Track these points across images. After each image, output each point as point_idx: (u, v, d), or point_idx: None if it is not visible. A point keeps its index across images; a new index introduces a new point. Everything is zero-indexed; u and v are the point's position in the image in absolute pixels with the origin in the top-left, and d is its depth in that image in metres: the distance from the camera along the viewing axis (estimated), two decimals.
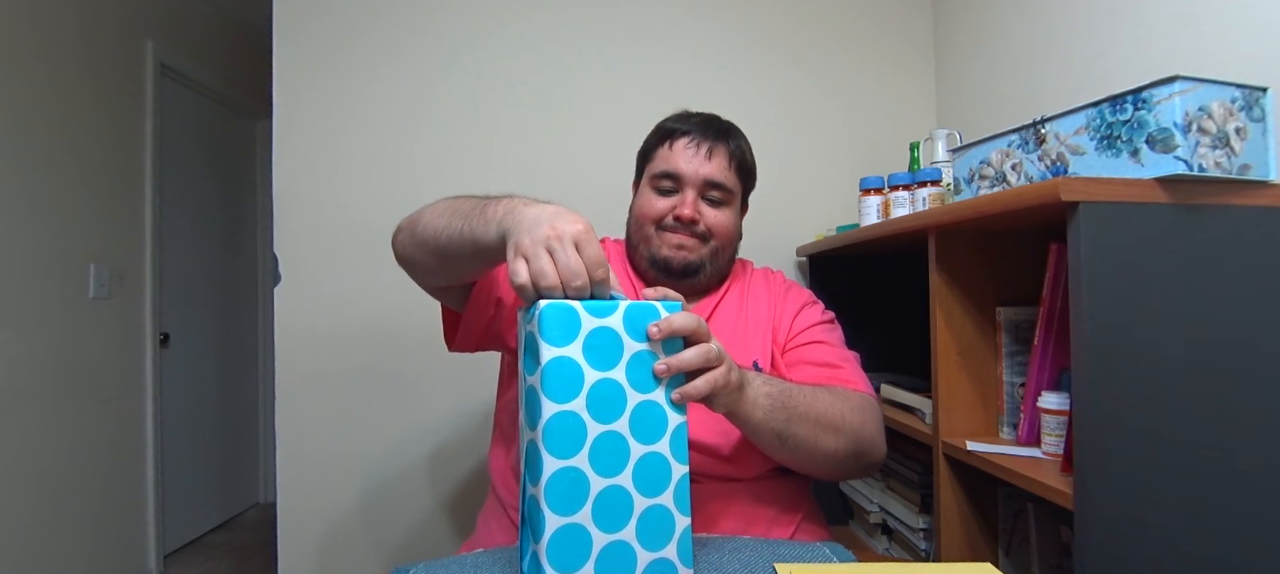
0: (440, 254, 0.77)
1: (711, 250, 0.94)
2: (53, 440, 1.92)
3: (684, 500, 0.61)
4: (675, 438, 0.61)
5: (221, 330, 2.89)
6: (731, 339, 0.91)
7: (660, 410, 0.61)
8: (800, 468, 0.82)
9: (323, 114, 1.53)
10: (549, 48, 1.59)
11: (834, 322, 0.99)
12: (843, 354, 0.93)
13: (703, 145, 0.93)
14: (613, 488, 0.59)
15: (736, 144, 0.96)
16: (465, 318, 0.91)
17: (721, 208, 0.95)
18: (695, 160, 0.93)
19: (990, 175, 0.89)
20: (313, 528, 1.50)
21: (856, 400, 0.83)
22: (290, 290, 1.51)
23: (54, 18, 1.94)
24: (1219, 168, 0.68)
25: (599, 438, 0.58)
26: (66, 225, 1.98)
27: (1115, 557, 0.66)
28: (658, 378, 0.61)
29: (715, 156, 0.93)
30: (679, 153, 0.94)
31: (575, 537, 0.57)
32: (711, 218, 0.93)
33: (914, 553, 1.16)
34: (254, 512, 3.05)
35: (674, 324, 0.61)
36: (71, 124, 2.00)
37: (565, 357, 0.58)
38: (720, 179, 0.93)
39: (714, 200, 0.94)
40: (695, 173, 0.92)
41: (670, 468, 0.61)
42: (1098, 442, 0.66)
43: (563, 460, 0.57)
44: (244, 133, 3.10)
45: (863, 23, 1.67)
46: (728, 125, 0.98)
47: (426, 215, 0.79)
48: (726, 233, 0.95)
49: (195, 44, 2.64)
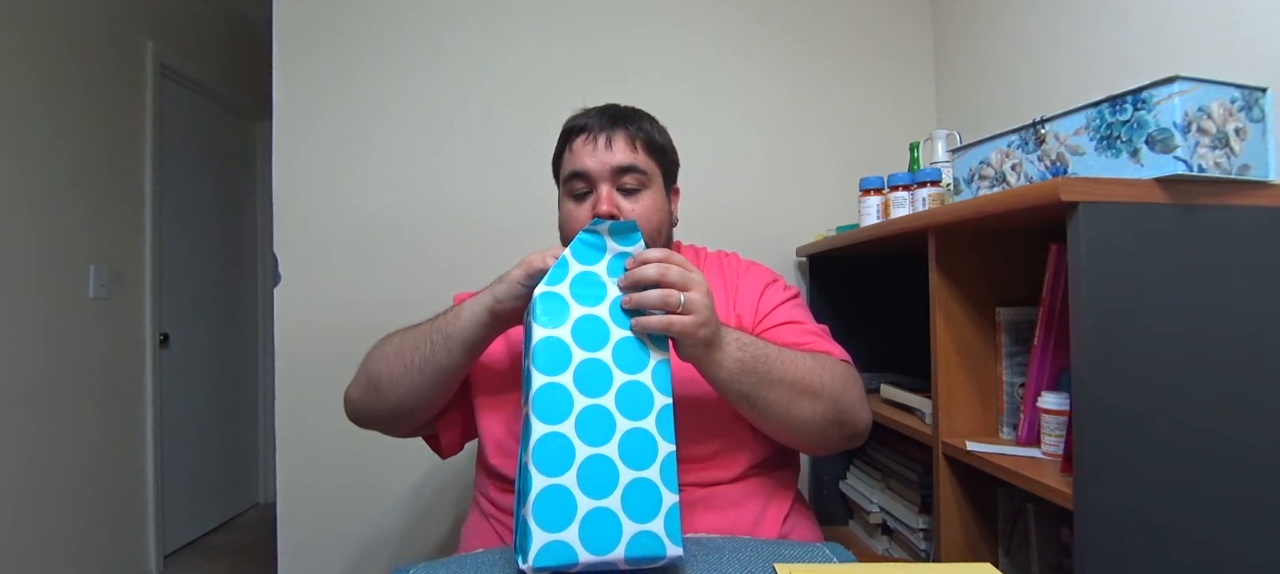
0: (415, 391, 0.83)
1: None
2: (53, 440, 1.92)
3: (671, 478, 0.64)
4: (661, 417, 0.65)
5: (221, 330, 2.89)
6: None
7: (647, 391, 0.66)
8: (775, 434, 0.82)
9: (323, 114, 1.53)
10: (549, 49, 1.59)
11: (798, 296, 0.99)
12: (815, 329, 0.93)
13: (600, 136, 0.89)
14: (599, 457, 0.62)
15: (637, 125, 0.91)
16: (445, 423, 0.94)
17: (638, 194, 0.89)
18: (597, 152, 0.88)
19: (990, 175, 0.89)
20: (313, 528, 1.50)
21: (838, 368, 0.83)
22: (290, 290, 1.51)
23: (54, 18, 1.94)
24: (1218, 168, 0.68)
25: (585, 409, 0.63)
26: (66, 226, 1.98)
27: (1115, 557, 0.66)
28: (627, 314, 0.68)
29: (615, 142, 0.89)
30: (579, 150, 0.90)
31: (560, 498, 0.60)
32: (630, 207, 0.88)
33: (914, 553, 1.16)
34: (254, 512, 3.05)
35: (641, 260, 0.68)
36: (71, 124, 2.00)
37: (554, 336, 0.65)
38: (627, 162, 0.88)
39: (629, 188, 0.89)
40: (600, 165, 0.88)
41: (656, 445, 0.64)
42: (1097, 442, 0.66)
43: (550, 425, 0.62)
44: (244, 133, 3.10)
45: (862, 23, 1.67)
46: (626, 110, 0.94)
47: (381, 372, 0.85)
48: (650, 221, 0.89)
49: (195, 44, 2.64)
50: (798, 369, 0.77)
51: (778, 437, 0.84)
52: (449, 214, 1.55)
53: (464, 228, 1.55)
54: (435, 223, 1.55)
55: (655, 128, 0.94)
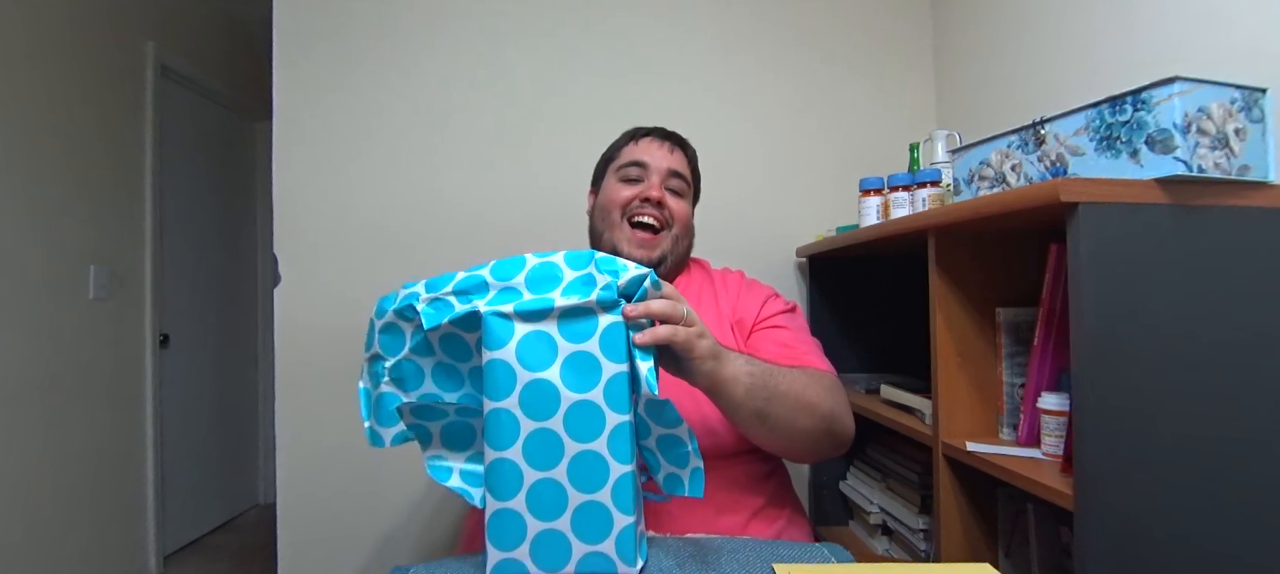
0: None
1: (672, 238, 1.03)
2: (53, 441, 1.92)
3: (625, 498, 0.63)
4: (614, 438, 0.63)
5: (221, 330, 2.89)
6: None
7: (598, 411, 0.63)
8: (775, 449, 0.87)
9: (323, 114, 1.53)
10: (549, 50, 1.59)
11: (796, 310, 1.06)
12: (805, 339, 0.99)
13: (665, 142, 1.07)
14: (547, 480, 0.63)
15: (688, 148, 1.11)
16: None
17: (681, 198, 1.06)
18: (660, 152, 1.06)
19: (990, 176, 0.89)
20: (313, 528, 1.50)
21: (827, 380, 0.89)
22: (290, 290, 1.51)
23: (54, 19, 1.94)
24: (1218, 169, 0.68)
25: (533, 434, 0.63)
26: (66, 226, 1.98)
27: (1115, 557, 0.66)
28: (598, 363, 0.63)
29: (676, 153, 1.07)
30: (644, 147, 1.07)
31: (512, 520, 0.63)
32: (674, 204, 1.04)
33: (914, 553, 1.16)
34: (254, 512, 3.06)
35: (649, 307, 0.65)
36: (71, 125, 2.00)
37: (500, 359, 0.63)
38: (682, 169, 1.06)
39: (675, 190, 1.05)
40: (660, 162, 1.05)
41: (608, 467, 0.63)
42: (1098, 442, 0.66)
43: (498, 452, 0.63)
44: (244, 133, 3.10)
45: (862, 23, 1.67)
46: (681, 137, 1.12)
47: None
48: (685, 221, 1.06)
49: (195, 45, 2.64)
50: (796, 384, 0.81)
51: (775, 450, 0.88)
52: (449, 214, 1.55)
53: (464, 227, 1.55)
54: (435, 222, 1.55)
55: (695, 156, 1.12)
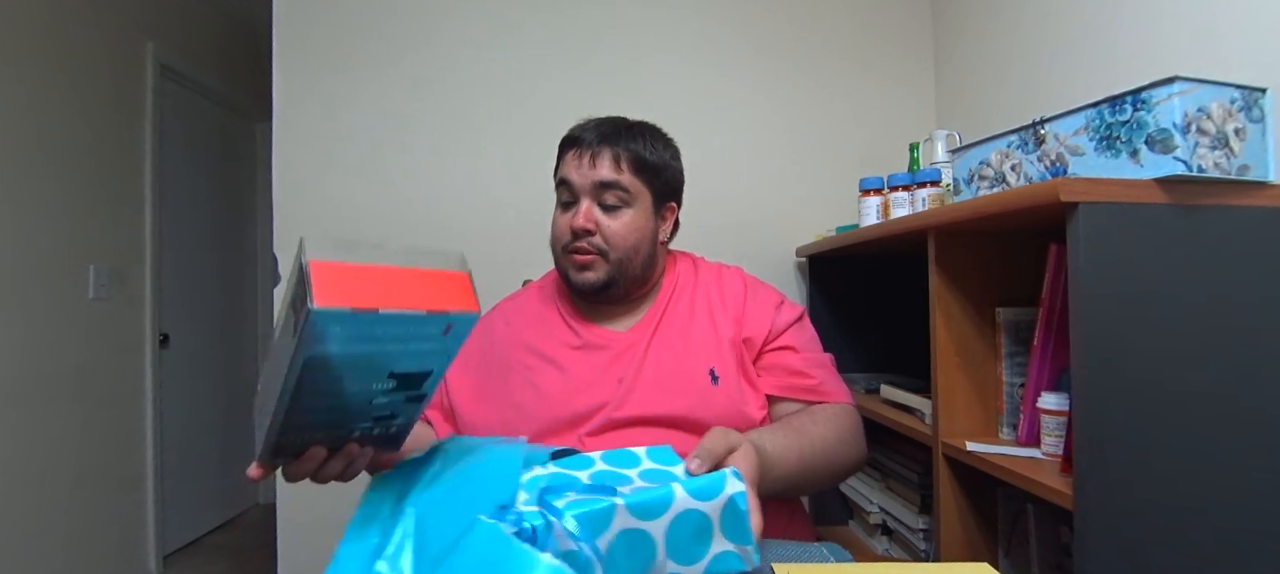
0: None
1: (616, 263, 0.88)
2: (53, 441, 1.92)
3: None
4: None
5: (221, 330, 2.89)
6: (678, 352, 0.89)
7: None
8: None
9: (322, 115, 1.53)
10: (550, 50, 1.59)
11: (804, 317, 0.96)
12: (818, 359, 0.93)
13: (586, 152, 0.88)
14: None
15: (626, 144, 0.89)
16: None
17: (619, 212, 0.88)
18: (582, 166, 0.88)
19: (990, 176, 0.89)
20: (313, 528, 1.50)
21: (844, 420, 0.86)
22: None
23: (54, 19, 1.94)
24: (1218, 168, 0.68)
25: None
26: (66, 226, 1.98)
27: (1115, 557, 0.66)
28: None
29: (599, 160, 0.88)
30: (568, 161, 0.91)
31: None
32: (608, 227, 0.88)
33: (914, 553, 1.16)
34: (254, 512, 3.05)
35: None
36: (71, 125, 2.00)
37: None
38: (610, 178, 0.87)
39: (610, 205, 0.88)
40: (583, 179, 0.88)
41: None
42: (1097, 442, 0.66)
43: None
44: (244, 133, 3.10)
45: (862, 24, 1.67)
46: (623, 126, 0.92)
47: None
48: (626, 240, 0.88)
49: (195, 45, 2.64)
50: (825, 449, 0.80)
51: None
52: (448, 213, 1.55)
53: (464, 227, 1.55)
54: (435, 223, 1.55)
55: (650, 146, 0.91)
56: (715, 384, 0.86)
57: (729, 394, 0.86)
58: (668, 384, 0.85)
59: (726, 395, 0.86)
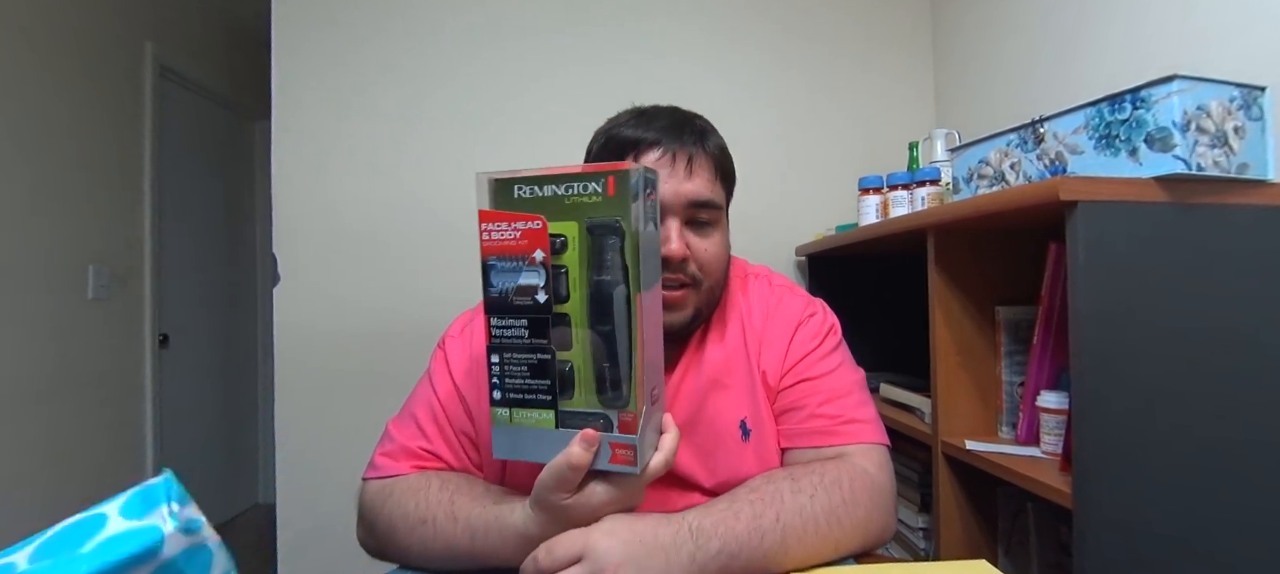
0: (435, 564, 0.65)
1: (706, 292, 0.70)
2: (53, 441, 1.92)
3: None
4: None
5: (221, 330, 2.89)
6: (710, 400, 0.72)
7: None
8: None
9: (322, 115, 1.53)
10: (550, 48, 1.59)
11: (834, 331, 0.78)
12: (845, 386, 0.72)
13: (681, 157, 0.68)
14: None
15: (715, 143, 0.73)
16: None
17: (710, 231, 0.70)
18: (674, 179, 0.67)
19: (989, 175, 0.89)
20: (312, 528, 1.50)
21: (861, 491, 0.63)
22: (290, 290, 1.51)
23: (54, 19, 1.94)
24: (1217, 167, 0.68)
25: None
26: (66, 226, 1.98)
27: (1115, 556, 0.66)
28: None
29: (697, 170, 0.68)
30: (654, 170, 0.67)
31: None
32: (702, 251, 0.68)
33: (914, 553, 1.16)
34: (254, 512, 3.05)
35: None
36: (71, 125, 2.00)
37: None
38: (707, 197, 0.68)
39: (701, 224, 0.69)
40: (677, 195, 0.67)
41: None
42: (1097, 441, 0.66)
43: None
44: (243, 133, 3.10)
45: (862, 23, 1.67)
46: (700, 121, 0.74)
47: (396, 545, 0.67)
48: (720, 264, 0.71)
49: (195, 45, 2.64)
50: (801, 540, 0.59)
51: None
52: (448, 213, 1.55)
53: (463, 227, 1.55)
54: (435, 222, 1.55)
55: (724, 143, 0.75)
56: (746, 440, 0.70)
57: (758, 450, 0.70)
58: (697, 441, 0.70)
59: (756, 452, 0.70)
